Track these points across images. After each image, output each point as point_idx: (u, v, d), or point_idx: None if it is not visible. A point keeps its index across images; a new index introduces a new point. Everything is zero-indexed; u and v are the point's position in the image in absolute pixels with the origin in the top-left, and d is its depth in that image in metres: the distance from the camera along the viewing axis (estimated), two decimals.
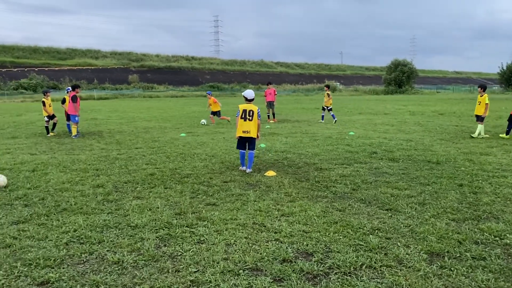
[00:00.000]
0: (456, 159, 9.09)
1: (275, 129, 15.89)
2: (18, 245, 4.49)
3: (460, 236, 4.62)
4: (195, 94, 66.35)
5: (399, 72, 70.48)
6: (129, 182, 7.31)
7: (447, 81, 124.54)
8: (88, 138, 13.64)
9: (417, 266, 3.91)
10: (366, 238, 4.58)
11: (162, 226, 5.03)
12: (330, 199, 6.15)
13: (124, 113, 26.44)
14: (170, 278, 3.74)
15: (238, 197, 6.29)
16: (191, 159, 9.54)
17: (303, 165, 8.74)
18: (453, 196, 6.24)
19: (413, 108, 27.81)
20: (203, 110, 28.99)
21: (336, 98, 52.73)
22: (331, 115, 19.10)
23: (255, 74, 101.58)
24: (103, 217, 5.41)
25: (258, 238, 4.65)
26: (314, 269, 3.87)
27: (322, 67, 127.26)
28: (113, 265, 4.02)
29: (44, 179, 7.58)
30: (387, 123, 17.73)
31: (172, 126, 17.46)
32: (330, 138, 12.93)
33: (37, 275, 3.80)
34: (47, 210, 5.70)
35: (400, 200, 6.04)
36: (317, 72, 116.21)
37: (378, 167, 8.41)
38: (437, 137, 12.91)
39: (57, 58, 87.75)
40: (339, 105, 33.92)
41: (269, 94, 19.94)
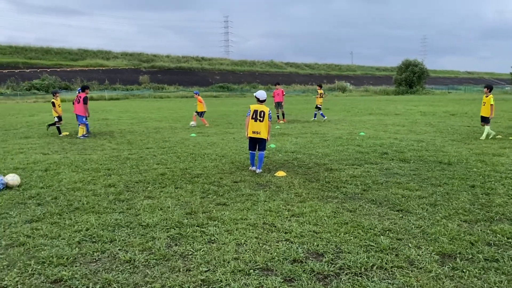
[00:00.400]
0: (468, 160, 9.01)
1: (285, 130, 15.89)
2: (31, 244, 4.55)
3: (472, 237, 4.58)
4: (205, 95, 66.56)
5: (410, 72, 69.97)
6: (140, 182, 7.37)
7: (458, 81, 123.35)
8: (99, 138, 13.76)
9: (428, 267, 3.88)
10: (377, 239, 4.56)
11: (173, 226, 5.07)
12: (340, 200, 6.14)
13: (135, 113, 26.63)
14: (181, 277, 3.77)
15: (248, 197, 6.31)
16: (202, 159, 9.58)
17: (313, 165, 8.73)
18: (465, 197, 6.19)
19: (424, 109, 27.59)
20: (213, 110, 29.09)
21: (346, 99, 52.56)
22: (320, 114, 20.08)
23: (265, 74, 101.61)
24: (114, 216, 5.46)
25: (269, 238, 4.66)
26: (325, 270, 3.87)
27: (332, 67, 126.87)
28: (124, 263, 4.06)
29: (56, 179, 7.67)
30: (398, 124, 17.62)
31: (183, 127, 17.54)
32: (340, 138, 12.89)
33: (50, 273, 3.85)
34: (59, 209, 5.77)
35: (411, 201, 6.01)
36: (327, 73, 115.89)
37: (389, 167, 8.37)
38: (448, 138, 12.79)
39: (69, 59, 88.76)
40: (350, 105, 33.80)
41: (277, 94, 19.97)
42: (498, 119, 17.99)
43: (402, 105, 33.04)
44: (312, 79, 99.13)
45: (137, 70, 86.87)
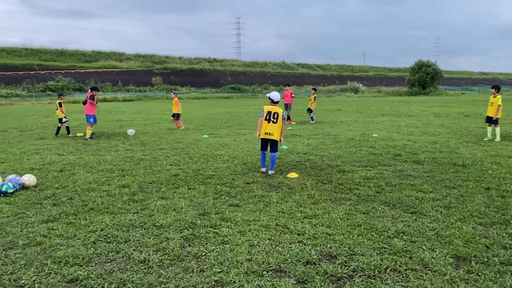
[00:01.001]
0: (483, 162, 8.90)
1: (297, 131, 15.87)
2: (48, 243, 4.63)
3: (488, 240, 4.53)
4: (217, 96, 66.83)
5: (423, 73, 69.33)
6: (154, 183, 7.43)
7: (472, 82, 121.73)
8: (113, 139, 13.90)
9: (443, 270, 3.85)
10: (391, 241, 4.54)
11: (186, 226, 5.11)
12: (353, 202, 6.12)
13: (148, 114, 26.84)
14: (195, 277, 3.80)
15: (261, 199, 6.32)
16: (214, 160, 9.62)
17: (325, 167, 8.71)
18: (480, 199, 6.12)
19: (438, 110, 27.31)
20: (225, 111, 29.17)
21: (359, 100, 52.26)
22: (310, 116, 20.12)
23: (277, 75, 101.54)
24: (129, 216, 5.52)
25: (281, 239, 4.67)
26: (338, 272, 3.86)
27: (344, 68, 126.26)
28: (139, 264, 4.10)
29: (71, 179, 7.78)
30: (411, 125, 17.47)
31: (195, 128, 17.63)
32: (353, 140, 12.83)
33: (66, 273, 3.92)
34: (75, 210, 5.85)
35: (425, 203, 5.96)
36: (339, 73, 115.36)
37: (403, 169, 8.31)
38: (462, 139, 12.65)
39: (83, 61, 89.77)
40: (362, 106, 33.61)
41: (286, 96, 19.94)
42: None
43: (415, 106, 32.75)
44: (324, 80, 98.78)
45: (149, 72, 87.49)
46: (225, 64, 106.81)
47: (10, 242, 4.71)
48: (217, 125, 18.92)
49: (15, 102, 51.06)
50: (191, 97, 64.38)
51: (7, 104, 48.74)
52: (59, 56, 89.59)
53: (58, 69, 77.45)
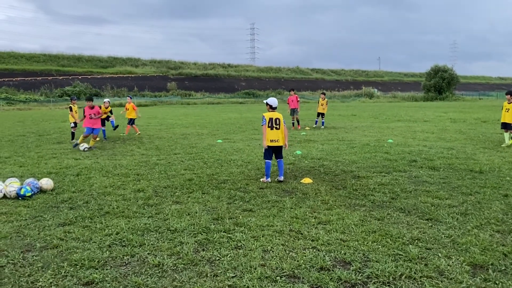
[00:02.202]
0: (500, 169, 8.75)
1: (311, 136, 15.83)
2: (64, 246, 4.70)
3: (506, 248, 4.45)
4: (231, 101, 67.07)
5: (439, 78, 68.60)
6: (168, 187, 7.49)
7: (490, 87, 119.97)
8: (129, 144, 14.06)
9: (459, 278, 3.80)
10: (406, 248, 4.49)
11: (200, 231, 5.13)
12: (368, 208, 6.08)
13: (163, 119, 27.08)
14: (208, 282, 3.81)
15: (274, 204, 6.32)
16: (228, 165, 9.65)
17: (340, 172, 8.67)
18: (498, 206, 6.02)
19: (454, 115, 26.96)
20: (239, 116, 29.26)
21: (374, 105, 51.91)
22: (321, 121, 20.07)
23: (290, 81, 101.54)
24: (143, 220, 5.57)
25: (295, 245, 4.66)
26: (352, 278, 3.84)
27: (359, 73, 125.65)
28: (153, 267, 4.14)
29: (87, 183, 7.89)
30: (427, 131, 17.28)
31: (209, 133, 17.72)
32: (368, 145, 12.75)
33: (82, 275, 3.97)
34: (91, 213, 5.93)
35: (441, 209, 5.89)
36: (353, 79, 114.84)
37: (418, 175, 8.22)
38: (480, 146, 12.46)
39: (99, 66, 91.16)
40: (377, 112, 33.37)
41: (292, 101, 19.84)
42: None
43: (431, 111, 32.39)
44: (338, 85, 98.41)
45: (165, 77, 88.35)
46: (239, 70, 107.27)
47: (28, 244, 4.80)
48: (231, 130, 18.99)
49: (33, 107, 52.07)
50: (205, 102, 64.78)
51: (25, 109, 49.74)
52: (76, 62, 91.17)
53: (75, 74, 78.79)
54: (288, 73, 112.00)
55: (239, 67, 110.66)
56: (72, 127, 15.67)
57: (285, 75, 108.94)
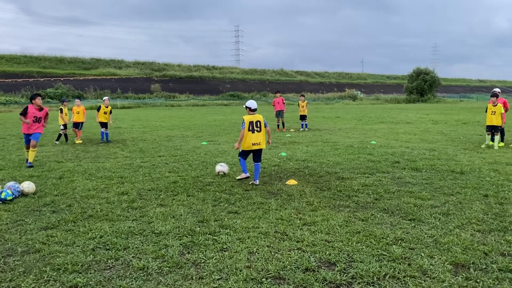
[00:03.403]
0: (481, 169, 8.93)
1: (295, 138, 15.90)
2: (47, 250, 4.63)
3: (486, 247, 4.55)
4: (216, 103, 66.89)
5: (421, 80, 69.60)
6: (153, 190, 7.44)
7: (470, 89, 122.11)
8: (112, 147, 13.91)
9: (441, 277, 3.87)
10: (389, 248, 4.55)
11: (185, 234, 5.11)
12: (352, 209, 6.13)
13: (147, 121, 26.87)
14: (194, 285, 3.80)
15: (260, 206, 6.33)
16: (213, 167, 9.63)
17: (324, 174, 8.73)
18: (478, 206, 6.14)
19: (436, 117, 27.40)
20: (224, 118, 29.21)
21: (357, 107, 52.39)
22: (305, 124, 19.91)
23: (275, 83, 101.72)
24: (128, 224, 5.53)
25: (280, 246, 4.68)
26: (337, 279, 3.87)
27: (343, 76, 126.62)
28: (138, 271, 4.11)
29: (70, 186, 7.78)
30: (409, 132, 17.53)
31: (194, 135, 17.66)
32: (352, 147, 12.86)
33: (65, 280, 3.92)
34: (74, 217, 5.85)
35: (423, 210, 5.98)
36: (337, 81, 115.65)
37: (401, 176, 8.33)
38: (461, 147, 12.69)
39: (82, 68, 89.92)
40: (361, 114, 33.70)
41: (278, 103, 19.87)
42: (511, 127, 17.80)
43: (413, 113, 32.85)
44: (322, 88, 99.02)
45: (148, 79, 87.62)
46: (224, 72, 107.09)
47: (9, 249, 4.71)
48: (216, 132, 18.95)
49: (14, 109, 51.02)
50: (190, 104, 64.47)
51: (6, 112, 48.76)
52: (58, 63, 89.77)
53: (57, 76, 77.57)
54: (272, 75, 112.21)
55: (223, 69, 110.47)
56: (62, 129, 15.48)
57: (270, 77, 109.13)
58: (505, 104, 13.21)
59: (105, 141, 15.26)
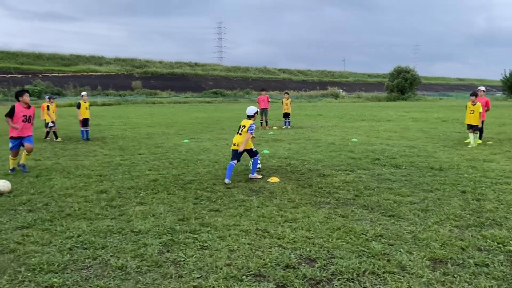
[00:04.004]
0: (459, 166, 9.08)
1: (278, 136, 15.92)
2: (22, 250, 4.51)
3: (463, 243, 4.62)
4: (198, 101, 66.53)
5: (402, 79, 70.50)
6: (132, 188, 7.34)
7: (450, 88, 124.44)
8: (91, 144, 13.69)
9: (420, 272, 3.90)
10: (369, 245, 4.58)
11: (165, 232, 5.05)
12: (333, 205, 6.16)
13: (127, 119, 26.55)
14: (173, 283, 3.75)
15: (241, 203, 6.31)
16: (194, 165, 9.56)
17: (306, 171, 8.75)
18: (456, 202, 6.24)
19: (416, 115, 27.80)
20: (206, 116, 29.07)
21: (339, 105, 52.81)
22: (288, 121, 19.95)
23: (258, 80, 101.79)
24: (106, 222, 5.44)
25: (261, 244, 4.66)
26: (317, 275, 3.87)
27: (325, 74, 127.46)
28: (116, 270, 4.04)
29: (48, 185, 7.62)
30: (390, 130, 17.73)
31: (175, 132, 17.51)
32: (333, 144, 12.94)
33: (41, 280, 3.82)
34: (51, 216, 5.73)
35: (403, 206, 6.04)
36: (320, 79, 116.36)
37: (381, 173, 8.41)
38: (440, 144, 12.89)
39: (61, 64, 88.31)
40: (342, 111, 33.97)
41: (262, 101, 19.90)
42: (489, 125, 18.16)
43: (394, 111, 33.27)
44: (305, 86, 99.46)
45: (130, 76, 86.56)
46: (207, 69, 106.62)
47: None
48: (198, 129, 18.84)
49: None
50: (172, 101, 63.96)
51: None
52: (36, 59, 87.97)
53: (36, 72, 76.03)
54: (256, 73, 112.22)
55: (206, 66, 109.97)
56: (50, 126, 15.14)
57: (253, 75, 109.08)
58: (487, 103, 13.45)
59: (85, 139, 15.01)
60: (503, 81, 67.36)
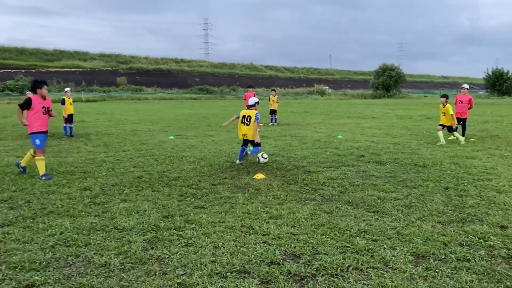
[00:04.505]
0: (442, 163, 9.21)
1: (264, 132, 15.92)
2: (2, 248, 4.44)
3: (445, 238, 4.68)
4: (184, 97, 66.15)
5: (387, 76, 71.11)
6: (117, 185, 7.27)
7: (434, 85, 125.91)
8: (75, 141, 13.52)
9: (403, 267, 3.95)
10: (353, 240, 4.61)
11: (149, 229, 5.02)
12: (318, 202, 6.19)
13: (112, 115, 26.26)
14: (157, 280, 3.73)
15: (227, 200, 6.29)
16: (180, 162, 9.51)
17: (291, 168, 8.77)
18: (439, 199, 6.32)
19: (401, 112, 28.09)
20: (192, 112, 28.92)
21: (325, 102, 53.06)
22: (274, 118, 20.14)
23: (245, 77, 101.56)
24: (90, 220, 5.37)
25: (246, 240, 4.66)
26: (301, 271, 3.89)
27: (311, 71, 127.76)
28: (99, 267, 4.00)
29: (30, 182, 7.50)
30: (375, 127, 17.88)
31: (161, 129, 17.39)
32: (319, 141, 13.00)
33: (22, 278, 3.76)
34: (33, 213, 5.64)
35: (386, 202, 6.10)
36: (306, 76, 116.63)
37: (366, 170, 8.48)
38: (424, 141, 13.05)
39: (44, 60, 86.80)
40: (328, 109, 34.13)
41: (249, 98, 19.88)
42: (472, 123, 18.45)
43: (379, 108, 33.56)
44: (291, 83, 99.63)
45: (114, 72, 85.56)
46: (193, 65, 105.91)
47: None
48: (184, 126, 18.74)
49: None
50: (157, 97, 63.45)
51: None
52: (18, 54, 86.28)
53: (18, 68, 74.61)
54: (242, 70, 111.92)
55: (192, 62, 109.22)
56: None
57: (240, 72, 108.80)
58: (470, 101, 13.64)
59: (69, 135, 14.81)
60: (486, 79, 68.59)
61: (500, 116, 23.48)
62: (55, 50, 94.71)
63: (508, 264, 4.04)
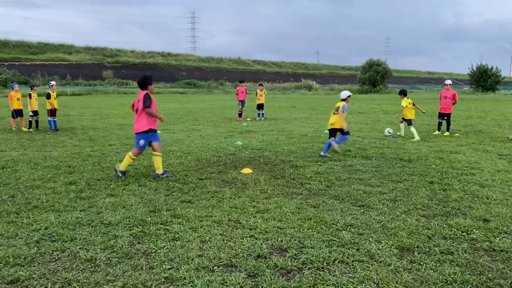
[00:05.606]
0: (427, 157, 9.33)
1: (251, 127, 15.93)
2: None
3: (430, 231, 4.76)
4: (171, 91, 65.73)
5: (374, 72, 71.50)
6: (103, 179, 7.21)
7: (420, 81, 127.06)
8: (60, 135, 13.35)
9: (388, 261, 4.00)
10: (339, 234, 4.66)
11: (136, 224, 4.99)
12: (304, 196, 6.23)
13: (98, 109, 25.98)
14: (144, 275, 3.72)
15: (214, 194, 6.29)
16: (166, 156, 9.46)
17: (279, 162, 8.80)
18: (424, 193, 6.41)
19: (387, 107, 28.32)
20: (179, 107, 28.76)
21: (312, 97, 53.21)
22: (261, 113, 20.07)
23: (232, 71, 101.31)
24: (75, 214, 5.33)
25: (233, 234, 4.68)
26: (288, 265, 3.92)
27: (299, 66, 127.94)
28: (85, 262, 3.97)
29: (14, 176, 7.40)
30: (361, 122, 18.01)
31: None
32: (306, 136, 13.06)
33: (6, 274, 3.72)
34: (17, 208, 5.57)
35: (372, 196, 6.17)
36: (293, 71, 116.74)
37: (352, 164, 8.55)
38: (409, 136, 13.19)
39: (29, 53, 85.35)
40: (315, 104, 34.24)
41: (241, 92, 19.89)
42: (456, 118, 18.70)
43: (366, 103, 33.80)
44: (279, 77, 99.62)
45: (100, 65, 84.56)
46: (180, 59, 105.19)
47: None
48: (171, 120, 18.63)
49: None
50: None
51: None
52: (1, 47, 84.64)
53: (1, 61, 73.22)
54: (230, 64, 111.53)
55: (179, 56, 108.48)
56: (30, 115, 14.80)
57: (227, 66, 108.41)
58: (454, 96, 13.90)
59: (54, 129, 14.63)
60: (470, 75, 69.52)
61: (484, 112, 23.84)
62: (39, 42, 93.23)
63: (490, 257, 4.12)
